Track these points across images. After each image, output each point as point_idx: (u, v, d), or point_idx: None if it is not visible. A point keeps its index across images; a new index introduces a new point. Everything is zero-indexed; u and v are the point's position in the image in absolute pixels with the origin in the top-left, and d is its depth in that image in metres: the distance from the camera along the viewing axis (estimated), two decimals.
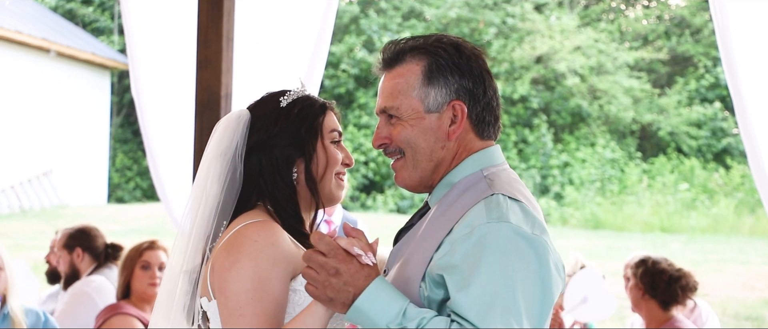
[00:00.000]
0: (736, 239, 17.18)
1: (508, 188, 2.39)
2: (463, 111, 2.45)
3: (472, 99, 2.46)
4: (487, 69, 2.50)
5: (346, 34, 23.74)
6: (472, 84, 2.45)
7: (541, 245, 2.29)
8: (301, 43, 5.98)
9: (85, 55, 21.45)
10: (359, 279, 2.32)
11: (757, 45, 5.29)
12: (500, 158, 2.52)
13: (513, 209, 2.33)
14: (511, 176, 2.47)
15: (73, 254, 5.85)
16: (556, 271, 2.31)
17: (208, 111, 6.05)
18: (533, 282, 2.26)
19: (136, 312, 5.16)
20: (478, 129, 2.48)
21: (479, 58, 2.48)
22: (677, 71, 23.88)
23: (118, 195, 23.31)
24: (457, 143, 2.47)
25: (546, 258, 2.28)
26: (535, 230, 2.30)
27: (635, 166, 22.10)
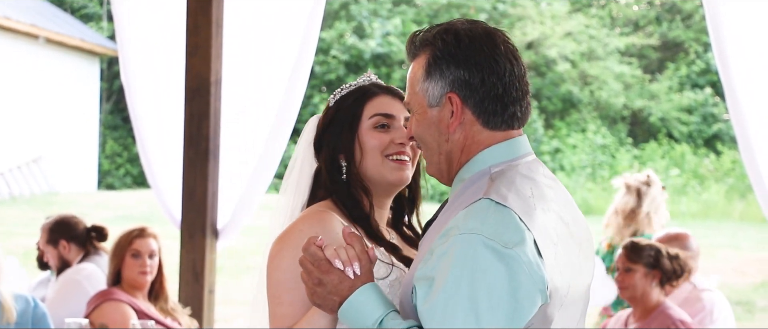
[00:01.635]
0: (726, 225, 17.23)
1: (503, 191, 2.28)
2: (458, 103, 2.38)
3: (468, 89, 2.37)
4: (494, 55, 2.37)
5: (336, 20, 23.70)
6: (468, 74, 2.36)
7: (512, 259, 2.18)
8: (291, 29, 5.97)
9: (74, 41, 21.39)
10: (343, 289, 2.34)
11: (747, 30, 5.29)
12: (518, 151, 2.40)
13: (494, 217, 2.23)
14: (521, 173, 2.35)
15: (59, 246, 5.85)
16: (532, 285, 2.19)
17: (198, 97, 6.04)
18: (501, 300, 2.16)
19: (128, 297, 5.15)
20: (482, 120, 2.38)
21: (486, 44, 2.37)
22: (668, 57, 23.90)
23: (109, 182, 23.27)
24: (462, 135, 2.40)
25: (517, 274, 2.17)
26: (510, 242, 2.19)
27: (626, 152, 22.13)
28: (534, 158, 2.45)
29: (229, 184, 6.12)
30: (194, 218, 6.04)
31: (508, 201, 2.26)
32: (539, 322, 2.24)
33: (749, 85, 5.28)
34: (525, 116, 2.43)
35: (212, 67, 6.01)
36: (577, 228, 2.42)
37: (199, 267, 6.03)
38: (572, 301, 2.34)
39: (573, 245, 2.37)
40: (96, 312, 5.11)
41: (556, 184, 2.45)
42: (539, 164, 2.44)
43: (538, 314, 2.23)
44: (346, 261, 2.36)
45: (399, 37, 23.09)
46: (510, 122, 2.40)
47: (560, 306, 2.28)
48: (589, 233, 2.49)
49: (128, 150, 23.45)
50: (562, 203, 2.41)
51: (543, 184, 2.38)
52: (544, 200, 2.34)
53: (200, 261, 6.03)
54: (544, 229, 2.27)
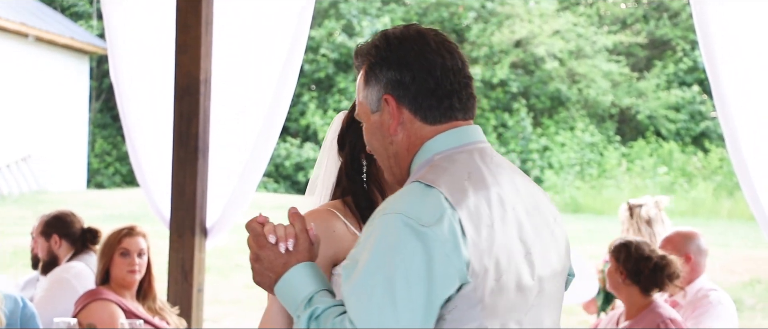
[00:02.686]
0: (715, 223, 17.27)
1: (436, 174, 2.33)
2: (393, 103, 2.43)
3: (401, 89, 2.43)
4: (423, 52, 2.43)
5: (325, 19, 23.70)
6: (399, 74, 2.42)
7: (428, 238, 2.21)
8: (281, 27, 5.98)
9: (63, 39, 21.34)
10: (278, 265, 2.39)
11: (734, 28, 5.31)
12: (463, 139, 2.44)
13: (418, 198, 2.27)
14: (462, 159, 2.39)
15: (51, 240, 5.84)
16: (447, 264, 2.21)
17: (188, 96, 6.04)
18: (417, 277, 2.20)
19: (116, 297, 5.15)
20: (420, 116, 2.43)
21: (415, 43, 2.44)
22: (656, 55, 23.95)
23: (98, 181, 23.23)
24: (404, 135, 2.45)
25: (433, 252, 2.20)
26: (428, 221, 2.22)
27: (614, 149, 22.17)
28: (484, 146, 2.46)
29: (218, 183, 6.12)
30: (183, 217, 6.04)
31: (436, 183, 2.30)
32: (465, 304, 2.26)
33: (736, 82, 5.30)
34: (467, 107, 2.47)
35: (202, 66, 6.01)
36: (538, 217, 2.44)
37: (188, 266, 6.03)
38: (518, 287, 2.33)
39: (519, 231, 2.37)
40: (84, 311, 5.11)
41: (510, 172, 2.46)
42: (490, 152, 2.46)
43: (462, 295, 2.25)
44: (282, 237, 2.40)
45: None
46: (449, 114, 2.44)
47: (494, 290, 2.27)
48: (556, 224, 2.50)
49: (117, 149, 23.41)
50: (515, 190, 2.41)
51: (487, 169, 2.39)
52: (484, 184, 2.35)
53: (189, 259, 6.03)
54: (475, 210, 2.29)
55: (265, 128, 5.99)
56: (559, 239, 2.49)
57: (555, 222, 2.49)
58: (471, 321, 2.27)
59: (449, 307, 2.25)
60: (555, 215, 2.52)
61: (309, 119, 22.36)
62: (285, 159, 21.94)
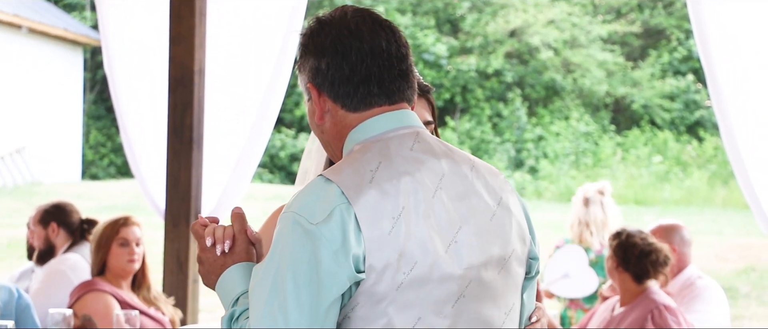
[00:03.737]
0: (709, 211, 17.30)
1: (340, 167, 2.28)
2: (314, 92, 2.37)
3: (319, 77, 2.35)
4: (339, 37, 2.34)
5: (320, 9, 23.67)
6: (316, 61, 2.36)
7: (315, 236, 2.17)
8: (275, 17, 5.98)
9: (57, 31, 21.30)
10: (216, 267, 2.39)
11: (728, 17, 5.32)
12: (383, 127, 2.35)
13: (314, 194, 2.23)
14: (377, 148, 2.32)
15: (48, 229, 5.83)
16: (334, 263, 2.16)
17: (182, 87, 6.04)
18: (305, 276, 2.16)
19: (112, 288, 5.15)
20: (341, 104, 2.35)
21: (334, 28, 2.36)
22: (650, 44, 23.95)
23: (93, 172, 23.21)
24: (331, 123, 2.38)
25: (319, 250, 2.16)
26: (317, 218, 2.18)
27: (609, 139, 22.18)
28: (409, 131, 2.36)
29: (213, 173, 6.12)
30: (178, 208, 6.04)
31: (336, 176, 2.25)
32: (369, 300, 2.21)
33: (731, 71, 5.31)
34: (391, 91, 2.37)
35: (196, 57, 6.01)
36: (471, 203, 2.33)
37: (183, 257, 6.04)
38: (438, 278, 2.25)
39: (440, 220, 2.28)
40: (79, 303, 5.11)
41: (440, 158, 2.34)
42: (417, 138, 2.36)
43: (363, 292, 2.20)
44: (219, 239, 2.39)
45: None
46: (368, 101, 2.35)
47: (404, 283, 2.20)
48: (501, 208, 2.36)
49: (112, 140, 23.39)
50: (439, 176, 2.32)
51: (406, 157, 2.31)
52: (396, 172, 2.27)
53: (184, 250, 6.04)
54: (376, 203, 2.22)
55: (259, 118, 5.99)
56: (505, 224, 2.35)
57: (499, 206, 2.36)
58: (379, 318, 2.21)
59: (352, 305, 2.20)
60: (503, 199, 2.38)
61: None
62: (280, 150, 21.94)
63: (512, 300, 2.37)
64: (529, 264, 2.42)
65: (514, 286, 2.37)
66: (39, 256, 5.87)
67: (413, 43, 22.72)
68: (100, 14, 6.36)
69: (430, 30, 23.06)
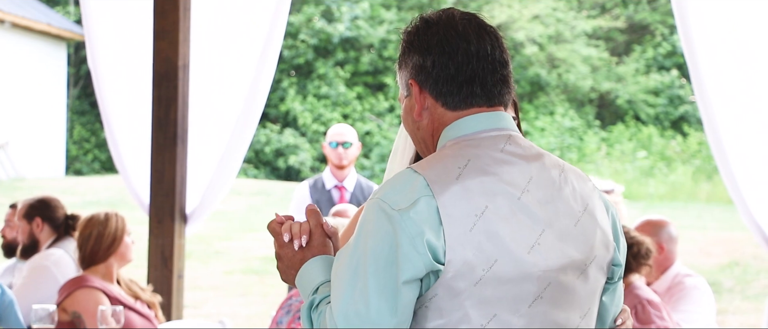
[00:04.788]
0: (693, 206, 17.34)
1: (429, 161, 2.35)
2: (417, 89, 2.45)
3: (423, 74, 2.43)
4: (446, 36, 2.43)
5: (304, 4, 23.64)
6: (422, 59, 2.43)
7: (399, 221, 2.25)
8: (260, 13, 5.97)
9: (40, 26, 21.23)
10: (295, 262, 2.45)
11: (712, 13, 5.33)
12: (477, 126, 2.42)
13: (401, 183, 2.31)
14: (467, 146, 2.39)
15: (33, 224, 5.81)
16: (411, 249, 2.23)
17: (166, 82, 6.02)
18: (386, 261, 2.24)
19: (102, 284, 5.13)
20: (442, 102, 2.43)
21: (441, 27, 2.44)
22: (635, 39, 23.99)
23: (77, 167, 23.14)
24: (429, 121, 2.46)
25: (399, 235, 2.24)
26: (400, 205, 2.26)
27: (594, 134, 22.23)
28: (502, 133, 2.43)
29: (197, 169, 6.11)
30: (163, 203, 6.03)
31: (424, 169, 2.33)
32: (447, 293, 2.27)
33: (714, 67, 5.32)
34: (492, 94, 2.45)
35: (180, 52, 6.00)
36: (556, 207, 2.39)
37: (168, 252, 6.03)
38: (516, 278, 2.30)
39: (524, 222, 2.34)
40: (69, 299, 5.08)
41: (530, 161, 2.41)
42: (511, 140, 2.43)
43: (442, 284, 2.26)
44: (296, 234, 2.45)
45: (367, 21, 23.08)
46: (469, 101, 2.43)
47: (483, 279, 2.26)
48: (586, 215, 2.43)
49: (96, 135, 23.32)
50: (527, 179, 2.38)
51: (497, 157, 2.38)
52: (485, 172, 2.34)
53: (169, 246, 6.03)
54: (460, 198, 2.29)
55: (243, 113, 5.98)
56: (588, 230, 2.41)
57: (585, 212, 2.42)
58: (455, 311, 2.27)
59: (430, 295, 2.27)
60: (589, 205, 2.44)
61: (288, 104, 22.32)
62: (265, 145, 21.90)
63: (589, 304, 2.43)
64: (612, 271, 2.48)
65: (592, 291, 2.43)
66: (23, 250, 5.84)
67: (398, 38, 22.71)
68: (84, 9, 6.34)
69: None
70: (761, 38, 5.29)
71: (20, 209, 5.89)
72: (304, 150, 21.66)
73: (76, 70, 24.11)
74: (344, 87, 22.67)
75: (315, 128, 21.94)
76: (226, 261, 13.33)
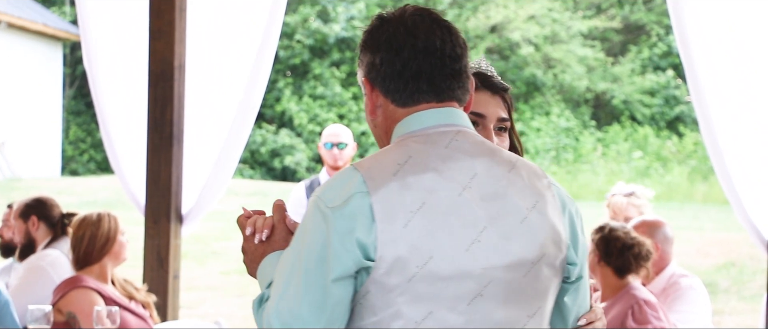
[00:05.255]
0: (689, 207, 17.36)
1: (370, 159, 2.35)
2: (368, 87, 2.45)
3: (374, 71, 2.43)
4: (395, 33, 2.40)
5: (300, 5, 23.64)
6: (372, 57, 2.43)
7: (331, 218, 2.25)
8: (255, 13, 5.96)
9: (36, 26, 21.21)
10: (257, 255, 2.48)
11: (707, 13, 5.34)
12: (423, 123, 2.40)
13: (338, 181, 2.31)
14: (410, 142, 2.37)
15: (29, 222, 5.81)
16: (341, 247, 2.24)
17: (162, 82, 6.02)
18: (318, 258, 2.25)
19: (96, 284, 5.12)
20: (391, 99, 2.42)
21: (391, 24, 2.42)
22: (630, 40, 24.01)
23: (73, 168, 23.13)
24: (382, 117, 2.45)
25: (331, 233, 2.24)
26: (333, 203, 2.27)
27: (590, 134, 22.24)
28: (450, 129, 2.40)
29: (193, 169, 6.11)
30: (158, 204, 6.03)
31: (363, 166, 2.33)
32: (379, 289, 2.26)
33: (710, 67, 5.33)
34: (441, 89, 2.42)
35: (176, 52, 5.99)
36: (500, 205, 2.33)
37: (164, 253, 6.02)
38: (453, 275, 2.27)
39: (464, 219, 2.30)
40: (64, 300, 5.07)
41: (476, 157, 2.37)
42: (458, 136, 2.39)
43: (374, 281, 2.25)
44: (258, 228, 2.48)
45: (363, 22, 23.07)
46: (417, 97, 2.41)
47: (417, 276, 2.24)
48: (535, 212, 2.36)
49: (92, 136, 23.31)
50: (471, 176, 2.34)
51: (440, 154, 2.35)
52: (425, 168, 2.32)
53: (165, 246, 6.02)
54: (396, 195, 2.28)
55: (239, 114, 5.98)
56: (536, 228, 2.35)
57: (533, 210, 2.36)
58: (388, 307, 2.26)
59: (363, 292, 2.27)
60: (539, 203, 2.38)
61: (284, 105, 22.31)
62: (261, 145, 21.89)
63: (539, 303, 2.37)
64: (568, 270, 2.42)
65: (542, 290, 2.38)
66: (21, 251, 5.84)
67: None
68: (80, 9, 6.34)
69: None
70: (757, 38, 5.29)
71: (16, 209, 5.88)
72: (300, 151, 21.66)
73: (72, 70, 24.10)
74: (340, 87, 22.67)
75: (311, 128, 21.94)
76: (223, 262, 13.33)
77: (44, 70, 21.92)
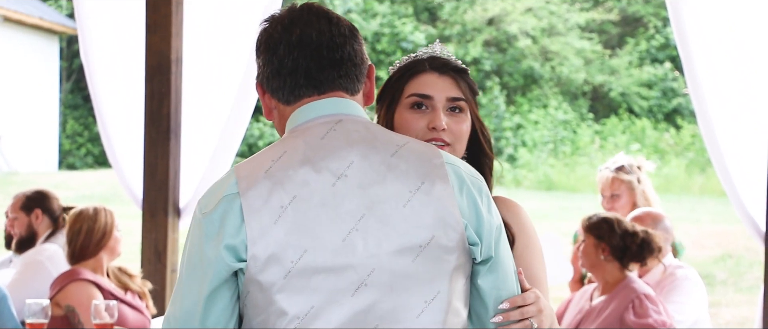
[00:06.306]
0: (686, 199, 17.36)
1: (254, 156, 2.34)
2: (260, 90, 2.45)
3: (260, 75, 2.42)
4: (271, 32, 2.39)
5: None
6: (258, 60, 2.43)
7: (204, 225, 2.26)
8: (252, 6, 5.95)
9: (32, 20, 21.17)
10: None
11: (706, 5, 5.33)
12: (306, 116, 2.37)
13: (218, 184, 2.32)
14: (288, 137, 2.35)
15: (32, 215, 5.81)
16: (212, 251, 2.24)
17: (159, 76, 6.01)
18: (194, 265, 2.27)
19: (94, 277, 5.12)
20: (278, 98, 2.41)
21: (270, 24, 2.40)
22: (628, 32, 23.99)
23: (70, 162, 23.10)
24: (278, 118, 2.44)
25: (204, 239, 2.25)
26: (206, 208, 2.28)
27: (587, 127, 22.23)
28: (330, 120, 2.36)
29: (191, 162, 6.10)
30: (156, 197, 6.02)
31: (240, 167, 2.32)
32: (257, 288, 2.24)
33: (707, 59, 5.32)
34: (319, 81, 2.38)
35: (173, 45, 5.98)
36: (380, 191, 2.28)
37: (162, 247, 6.02)
38: (333, 267, 2.24)
39: (341, 208, 2.26)
40: (62, 293, 5.07)
41: (353, 146, 2.32)
42: (332, 124, 2.35)
43: (251, 280, 2.23)
44: None
45: (361, 14, 23.05)
46: (297, 92, 2.39)
47: (293, 272, 2.22)
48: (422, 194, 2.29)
49: (89, 130, 23.28)
50: (346, 165, 2.30)
51: (313, 146, 2.32)
52: (298, 163, 2.29)
53: (162, 240, 6.02)
54: (265, 192, 2.25)
55: (236, 107, 5.97)
56: (421, 211, 2.28)
57: (418, 192, 2.29)
58: (269, 305, 2.24)
59: (244, 292, 2.26)
60: (425, 184, 2.30)
61: None
62: (258, 139, 21.88)
63: (437, 287, 2.28)
64: (471, 251, 2.32)
65: (441, 273, 2.29)
66: (19, 244, 5.83)
67: (391, 31, 22.70)
68: (76, 3, 6.32)
69: (408, 18, 23.04)
70: (755, 31, 5.28)
71: (18, 202, 5.88)
72: None
73: (69, 64, 24.06)
74: None
75: None
76: None
77: (41, 64, 21.89)
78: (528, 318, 2.41)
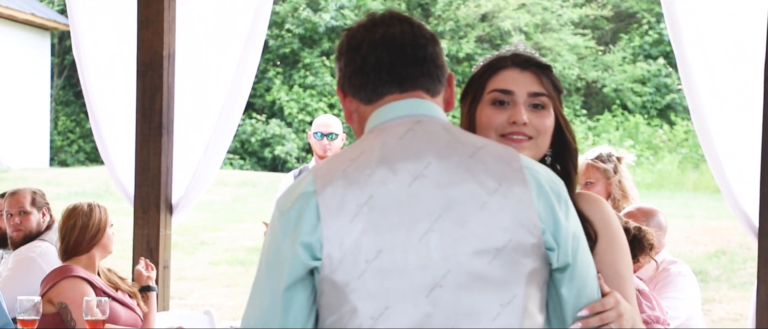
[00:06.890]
0: (680, 195, 17.38)
1: (333, 157, 2.35)
2: (340, 94, 2.45)
3: (343, 78, 2.43)
4: (355, 34, 2.42)
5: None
6: (339, 63, 2.44)
7: (281, 223, 2.27)
8: (244, 1, 5.94)
9: (24, 16, 21.12)
10: None
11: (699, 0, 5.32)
12: (385, 116, 2.37)
13: (296, 183, 2.33)
14: (368, 137, 2.36)
15: (41, 212, 5.84)
16: (289, 249, 2.24)
17: (151, 71, 5.99)
18: (272, 262, 2.27)
19: (86, 274, 5.11)
20: (359, 98, 2.41)
21: (352, 28, 2.44)
22: (621, 28, 24.01)
23: (61, 158, 23.07)
24: (357, 120, 2.44)
25: (281, 237, 2.26)
26: (284, 206, 2.28)
27: (581, 123, 22.25)
28: (410, 120, 2.36)
29: (183, 159, 6.09)
30: (148, 194, 6.00)
31: (318, 166, 2.33)
32: (332, 288, 2.23)
33: (701, 55, 5.31)
34: (403, 78, 2.39)
35: (165, 41, 5.96)
36: (457, 192, 2.26)
37: (154, 243, 6.00)
38: (407, 268, 2.22)
39: (416, 209, 2.25)
40: (54, 289, 5.05)
41: (432, 146, 2.31)
42: (412, 124, 2.35)
43: (325, 279, 2.23)
44: None
45: (353, 11, 23.04)
46: (381, 90, 2.39)
47: (367, 272, 2.20)
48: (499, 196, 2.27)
49: (81, 126, 23.24)
50: (424, 165, 2.28)
51: (393, 145, 2.31)
52: (375, 162, 2.28)
53: (154, 236, 6.00)
54: (342, 191, 2.25)
55: (228, 103, 5.95)
56: (498, 213, 2.26)
57: (496, 194, 2.27)
58: (342, 305, 2.22)
59: (319, 292, 2.25)
60: (502, 187, 2.28)
61: (274, 95, 22.26)
62: (251, 135, 21.85)
63: (514, 291, 2.26)
64: (548, 256, 2.30)
65: (516, 277, 2.26)
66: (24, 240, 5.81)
67: None
68: None
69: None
70: (748, 27, 5.28)
71: (29, 198, 5.85)
72: (290, 140, 21.62)
73: (61, 60, 24.02)
74: (330, 77, 22.62)
75: (301, 118, 21.89)
76: (212, 252, 13.30)
77: (32, 60, 21.84)
78: (607, 323, 2.39)
